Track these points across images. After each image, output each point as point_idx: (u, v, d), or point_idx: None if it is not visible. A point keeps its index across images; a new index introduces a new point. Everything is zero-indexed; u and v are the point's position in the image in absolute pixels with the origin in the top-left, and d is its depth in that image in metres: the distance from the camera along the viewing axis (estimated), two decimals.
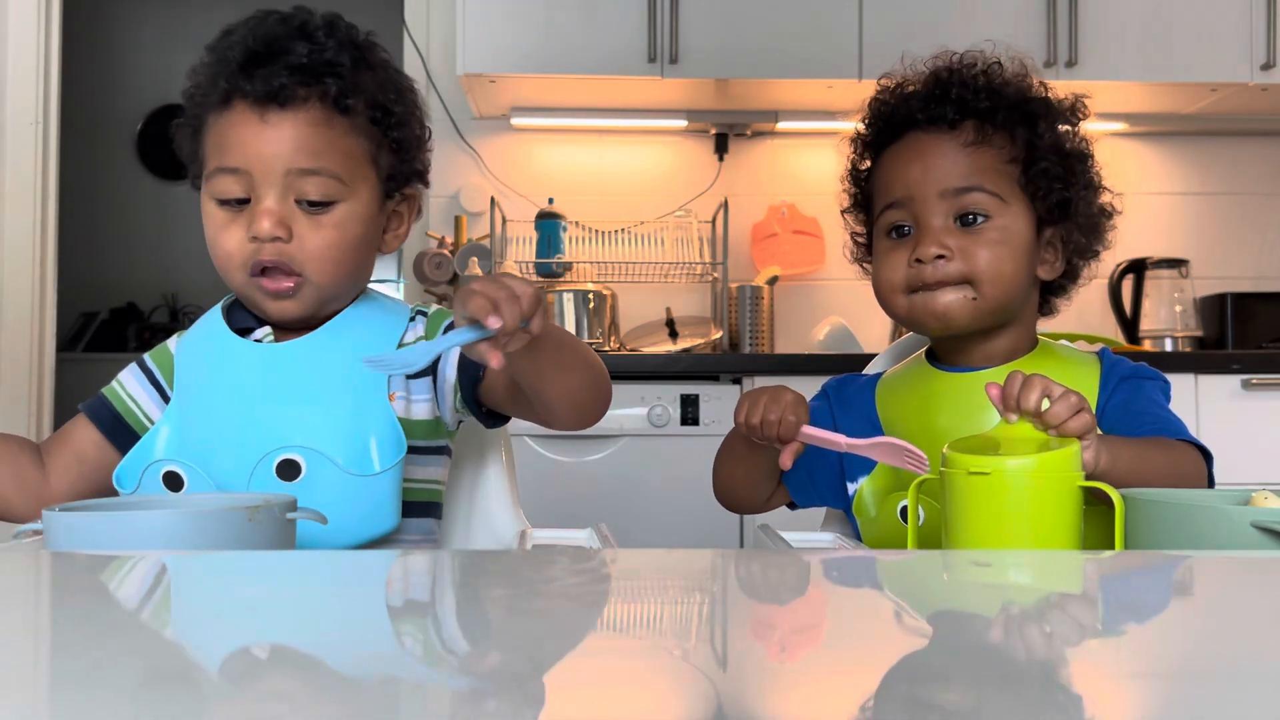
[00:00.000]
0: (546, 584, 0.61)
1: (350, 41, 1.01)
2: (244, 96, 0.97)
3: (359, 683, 0.39)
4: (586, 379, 0.99)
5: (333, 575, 0.62)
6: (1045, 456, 0.81)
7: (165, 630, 0.49)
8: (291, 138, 0.97)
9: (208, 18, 4.82)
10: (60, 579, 0.62)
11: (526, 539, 1.11)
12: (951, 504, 0.83)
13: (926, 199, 1.02)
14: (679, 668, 0.42)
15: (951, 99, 1.03)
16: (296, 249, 0.97)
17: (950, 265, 1.01)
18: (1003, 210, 1.01)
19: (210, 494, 0.97)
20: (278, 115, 0.97)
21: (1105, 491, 0.80)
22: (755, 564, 0.69)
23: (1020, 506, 0.81)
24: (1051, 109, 1.05)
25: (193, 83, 1.02)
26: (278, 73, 0.96)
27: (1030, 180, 1.02)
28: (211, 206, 0.99)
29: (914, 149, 1.05)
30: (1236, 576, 0.62)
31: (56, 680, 0.39)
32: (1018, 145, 1.02)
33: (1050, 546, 0.81)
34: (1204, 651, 0.45)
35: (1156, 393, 1.04)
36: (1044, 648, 0.45)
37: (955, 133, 1.03)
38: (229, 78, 0.97)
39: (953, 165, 1.02)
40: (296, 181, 0.97)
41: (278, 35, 0.98)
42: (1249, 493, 0.79)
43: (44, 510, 0.73)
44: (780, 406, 1.00)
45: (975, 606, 0.57)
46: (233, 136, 0.97)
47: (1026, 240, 1.03)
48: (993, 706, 0.36)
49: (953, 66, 1.06)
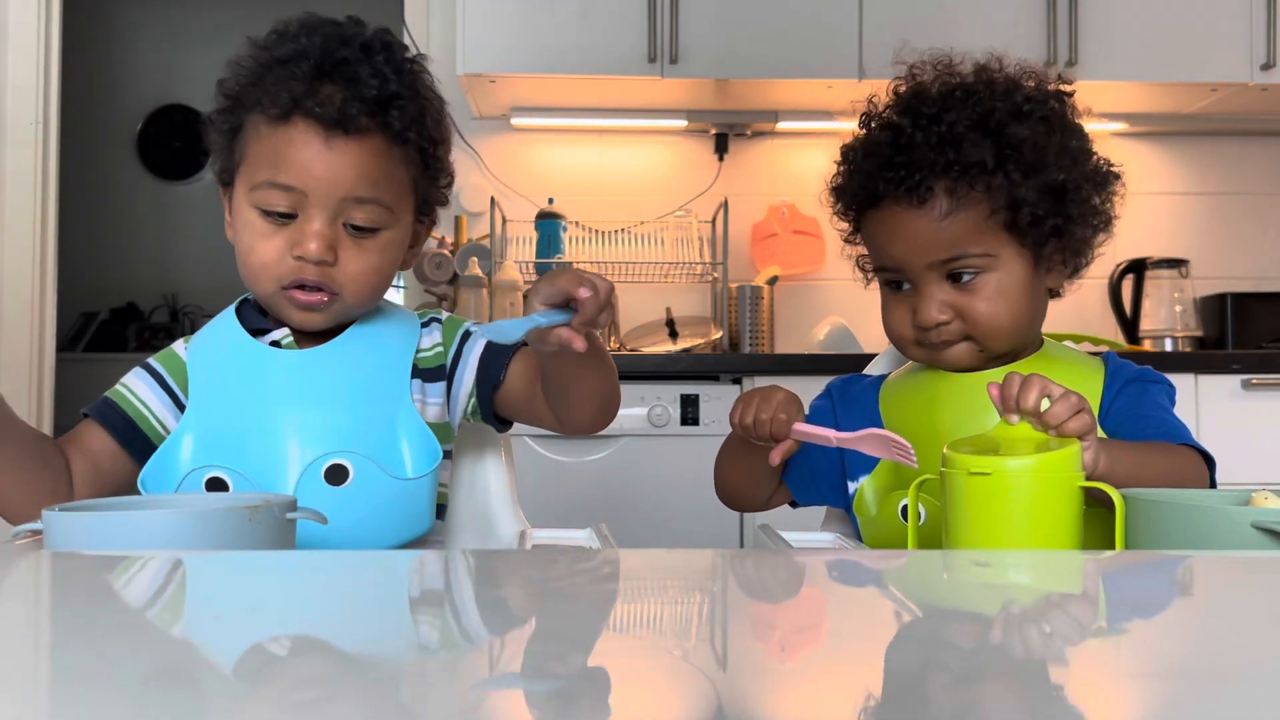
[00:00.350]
0: (546, 584, 0.61)
1: (407, 69, 1.01)
2: (307, 115, 0.95)
3: (359, 682, 0.39)
4: (611, 382, 1.04)
5: (332, 575, 0.62)
6: (1045, 457, 0.81)
7: (165, 630, 0.49)
8: (354, 165, 0.97)
9: (208, 18, 4.84)
10: (60, 579, 0.62)
11: (526, 539, 1.11)
12: (951, 504, 0.83)
13: (916, 269, 1.02)
14: (679, 668, 0.42)
15: (916, 167, 0.98)
16: (338, 271, 0.98)
17: (951, 326, 1.02)
18: (994, 264, 1.00)
19: (208, 494, 0.97)
20: (342, 142, 0.96)
21: (1105, 493, 0.80)
22: (755, 564, 0.69)
23: (1020, 506, 0.81)
24: (1025, 141, 0.98)
25: (234, 78, 1.00)
26: (349, 101, 0.95)
27: (1016, 226, 0.99)
28: (252, 214, 0.98)
29: (891, 225, 1.02)
30: (1236, 576, 0.62)
31: (56, 680, 0.39)
32: (997, 197, 0.98)
33: (1050, 546, 0.81)
34: (1204, 651, 0.45)
35: (1161, 396, 1.04)
36: (1044, 648, 0.45)
37: (929, 205, 0.99)
38: (293, 92, 0.96)
39: (933, 241, 1.00)
40: (349, 207, 0.98)
41: (345, 57, 0.97)
42: (1249, 493, 0.79)
43: (43, 510, 0.73)
44: (772, 406, 1.00)
45: (975, 606, 0.57)
46: (293, 154, 0.96)
47: (1023, 281, 1.02)
48: (992, 706, 0.36)
49: (914, 103, 1.02)
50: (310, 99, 0.95)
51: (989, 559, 0.75)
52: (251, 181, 0.98)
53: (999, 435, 0.87)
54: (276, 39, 1.00)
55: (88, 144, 4.36)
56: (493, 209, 2.78)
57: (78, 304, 4.12)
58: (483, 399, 1.08)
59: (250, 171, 0.99)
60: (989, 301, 1.01)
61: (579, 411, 1.04)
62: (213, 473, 0.97)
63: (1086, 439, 0.84)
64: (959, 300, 1.01)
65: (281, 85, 0.96)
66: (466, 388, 1.07)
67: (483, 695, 0.38)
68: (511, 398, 1.08)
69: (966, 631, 0.50)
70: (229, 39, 3.95)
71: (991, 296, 1.01)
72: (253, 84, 0.99)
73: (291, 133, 0.96)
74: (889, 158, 1.01)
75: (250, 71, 1.00)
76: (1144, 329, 2.89)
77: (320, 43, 0.98)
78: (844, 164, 1.08)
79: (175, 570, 0.62)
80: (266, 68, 0.98)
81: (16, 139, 2.57)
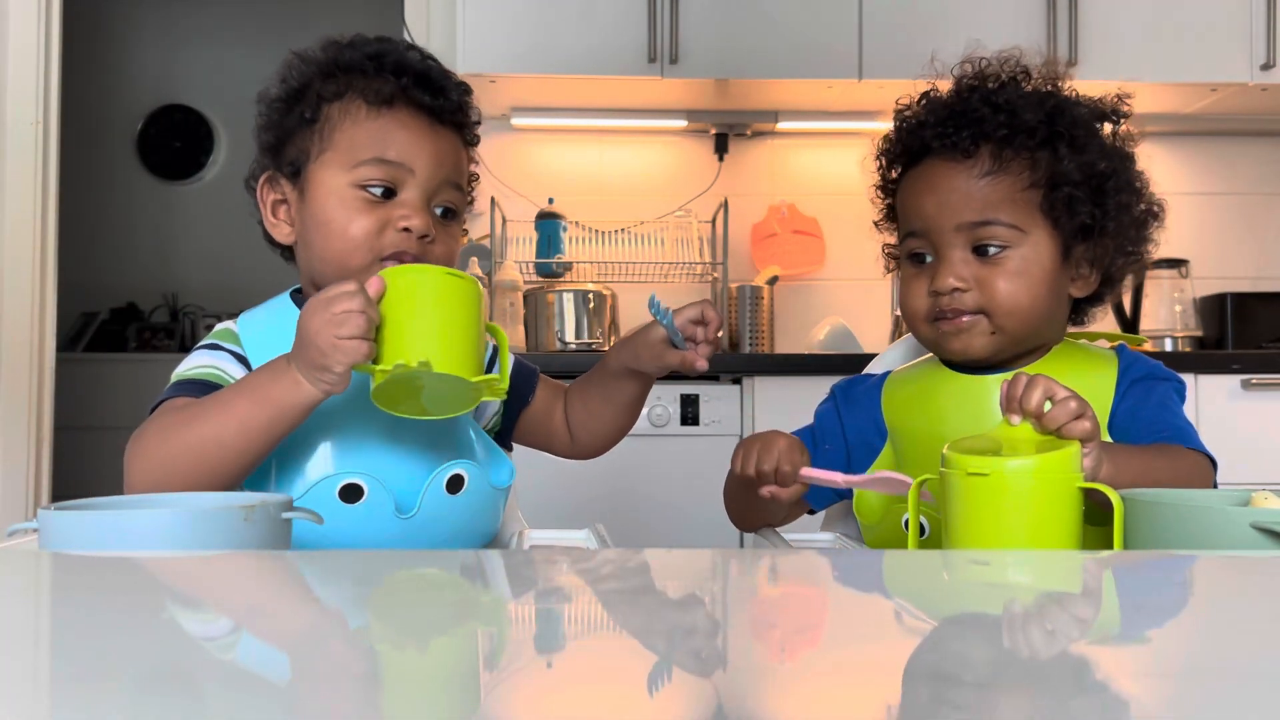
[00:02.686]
0: (544, 584, 0.61)
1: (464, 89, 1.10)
2: (411, 103, 1.02)
3: (357, 683, 0.39)
4: (634, 418, 1.14)
5: (331, 576, 0.62)
6: (1044, 458, 0.81)
7: (163, 630, 0.49)
8: (450, 150, 1.05)
9: (208, 18, 4.83)
10: (56, 578, 0.61)
11: (524, 539, 1.11)
12: (950, 504, 0.83)
13: (943, 231, 1.01)
14: (679, 668, 0.42)
15: (967, 124, 0.99)
16: (433, 250, 1.02)
17: (967, 297, 1.00)
18: (1022, 240, 0.99)
19: (206, 494, 0.96)
20: (441, 128, 1.04)
21: (1106, 496, 0.80)
22: (755, 564, 0.69)
23: (1019, 507, 0.80)
24: (1079, 123, 1.00)
25: (300, 73, 1.04)
26: (448, 98, 1.04)
27: (1052, 206, 0.98)
28: (350, 192, 1.00)
29: (929, 179, 1.03)
30: (1236, 576, 0.62)
31: (53, 680, 0.39)
32: (1039, 170, 0.98)
33: (1049, 547, 0.81)
34: (1204, 652, 0.44)
35: (1170, 394, 1.03)
36: (1044, 647, 0.45)
37: (970, 162, 1.00)
38: (397, 80, 1.02)
39: (967, 198, 0.99)
40: (444, 190, 1.03)
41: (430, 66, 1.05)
42: (1249, 493, 0.79)
43: (39, 509, 0.73)
44: (774, 456, 0.99)
45: (975, 606, 0.57)
46: (402, 135, 1.01)
47: (1048, 267, 1.00)
48: (992, 706, 0.36)
49: (974, 82, 1.03)
50: (415, 89, 1.02)
51: (989, 558, 0.75)
52: (354, 160, 1.00)
53: (1001, 435, 0.86)
54: (347, 42, 1.05)
55: (88, 144, 4.35)
56: (493, 209, 2.78)
57: (78, 304, 4.12)
58: (508, 416, 1.13)
59: (350, 152, 1.01)
60: (1010, 278, 0.99)
61: (593, 437, 1.14)
62: (349, 480, 0.95)
63: (1087, 445, 0.84)
64: (981, 272, 1.00)
65: (382, 73, 1.02)
66: (494, 405, 1.11)
67: (480, 695, 0.38)
68: (533, 422, 1.14)
69: (967, 632, 0.50)
70: (229, 39, 3.96)
71: (1014, 274, 0.99)
72: (331, 74, 1.03)
73: (399, 114, 1.02)
74: (944, 116, 1.02)
75: (322, 64, 1.04)
76: (1144, 329, 2.89)
77: (406, 46, 1.06)
78: (897, 121, 1.08)
79: (172, 570, 0.62)
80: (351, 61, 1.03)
81: (16, 139, 2.57)
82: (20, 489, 2.54)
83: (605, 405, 1.11)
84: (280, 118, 1.04)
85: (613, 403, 1.11)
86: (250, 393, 0.89)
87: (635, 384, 1.09)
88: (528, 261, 2.85)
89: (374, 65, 1.03)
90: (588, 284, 2.81)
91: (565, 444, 1.15)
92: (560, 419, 1.14)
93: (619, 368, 1.08)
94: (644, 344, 1.03)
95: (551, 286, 2.79)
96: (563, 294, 2.74)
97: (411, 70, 1.03)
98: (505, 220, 2.88)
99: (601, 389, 1.11)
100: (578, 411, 1.14)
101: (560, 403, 1.15)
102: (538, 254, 2.84)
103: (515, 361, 1.13)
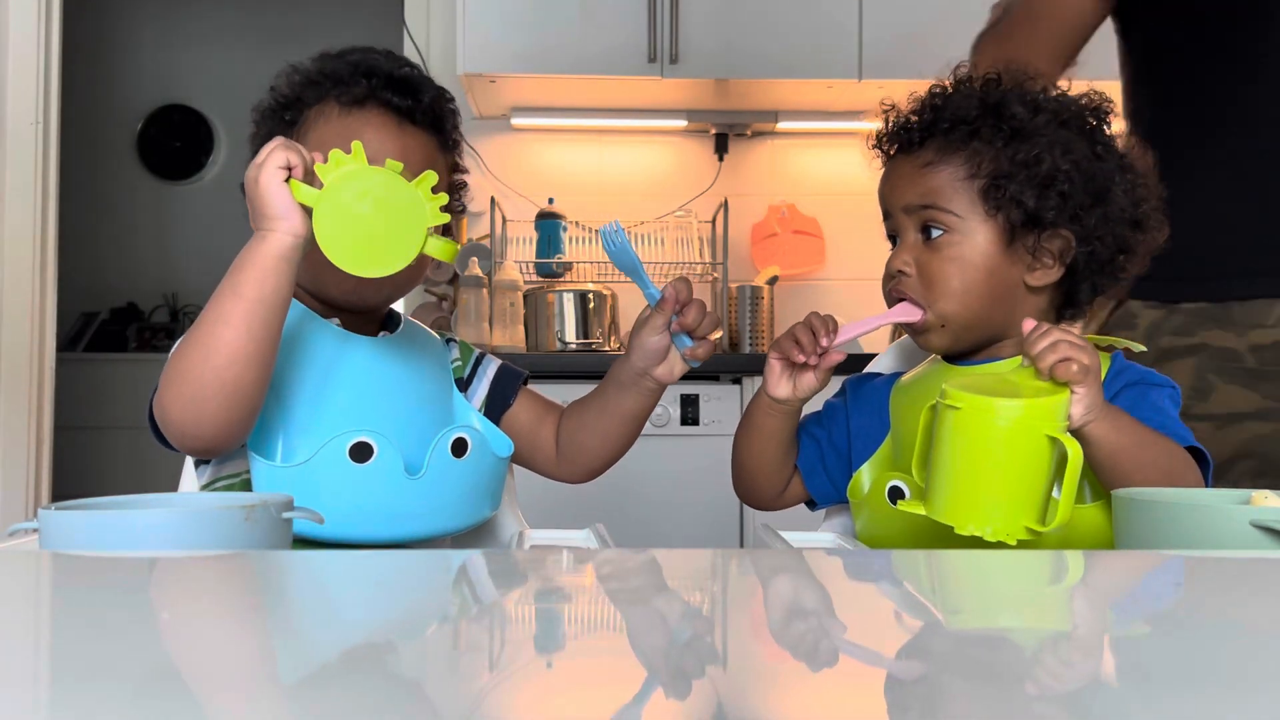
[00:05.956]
0: (544, 584, 0.61)
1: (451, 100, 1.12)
2: (382, 104, 1.05)
3: (357, 682, 0.39)
4: (629, 434, 1.14)
5: (331, 576, 0.62)
6: (1020, 402, 0.84)
7: (163, 630, 0.49)
8: (420, 151, 1.06)
9: (208, 18, 4.83)
10: (56, 578, 0.61)
11: (524, 540, 1.11)
12: (936, 436, 0.87)
13: (896, 213, 1.09)
14: (679, 668, 0.42)
15: (916, 124, 1.09)
16: None
17: (909, 281, 1.07)
18: (959, 225, 1.05)
19: (206, 494, 0.97)
20: (411, 129, 1.06)
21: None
22: (755, 564, 0.69)
23: (983, 444, 0.84)
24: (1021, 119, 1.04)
25: (290, 82, 1.08)
26: (419, 100, 1.06)
27: (987, 195, 1.04)
28: None
29: (888, 171, 1.13)
30: (1236, 576, 0.62)
31: (55, 680, 0.39)
32: (976, 161, 1.04)
33: (1009, 491, 0.83)
34: (1203, 651, 0.44)
35: (1164, 399, 1.04)
36: (1042, 648, 0.45)
37: (915, 155, 1.09)
38: (368, 83, 1.05)
39: (910, 184, 1.08)
40: None
41: (406, 72, 1.08)
42: (1249, 492, 0.79)
43: (39, 509, 0.73)
44: (807, 327, 1.07)
45: (975, 605, 0.57)
46: (368, 133, 1.03)
47: (986, 255, 1.04)
48: (991, 705, 0.36)
49: (943, 89, 1.10)
50: (384, 91, 1.05)
51: (989, 558, 0.75)
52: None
53: (1015, 378, 0.89)
54: (337, 54, 1.09)
55: (88, 144, 4.35)
56: (493, 209, 2.78)
57: (78, 304, 4.12)
58: (490, 418, 1.14)
59: (320, 149, 1.01)
60: (945, 263, 1.05)
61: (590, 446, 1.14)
62: (359, 437, 0.98)
63: (1079, 390, 0.87)
64: (923, 256, 1.06)
65: (356, 78, 1.05)
66: (477, 404, 1.14)
67: (480, 695, 0.38)
68: (515, 426, 1.15)
69: (966, 631, 0.50)
70: (229, 39, 3.97)
71: (949, 259, 1.05)
72: (316, 81, 1.07)
73: (369, 114, 1.05)
74: (905, 116, 1.11)
75: (310, 74, 1.08)
76: None
77: (386, 54, 1.09)
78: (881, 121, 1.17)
79: (172, 570, 0.62)
80: (334, 70, 1.07)
81: (16, 139, 2.57)
82: (20, 489, 2.54)
83: (600, 415, 1.12)
84: (270, 126, 1.08)
85: (608, 412, 1.12)
86: (230, 273, 0.95)
87: (634, 396, 1.10)
88: (528, 261, 2.85)
89: (349, 70, 1.06)
90: (588, 284, 2.81)
91: (550, 459, 1.16)
92: (549, 434, 1.16)
93: (618, 377, 1.11)
94: (635, 343, 1.09)
95: (551, 286, 2.79)
96: (563, 294, 2.74)
97: (383, 73, 1.06)
98: (505, 220, 2.88)
99: (600, 399, 1.13)
100: (570, 422, 1.15)
101: (551, 418, 1.16)
102: (538, 254, 2.84)
103: (502, 365, 1.17)
